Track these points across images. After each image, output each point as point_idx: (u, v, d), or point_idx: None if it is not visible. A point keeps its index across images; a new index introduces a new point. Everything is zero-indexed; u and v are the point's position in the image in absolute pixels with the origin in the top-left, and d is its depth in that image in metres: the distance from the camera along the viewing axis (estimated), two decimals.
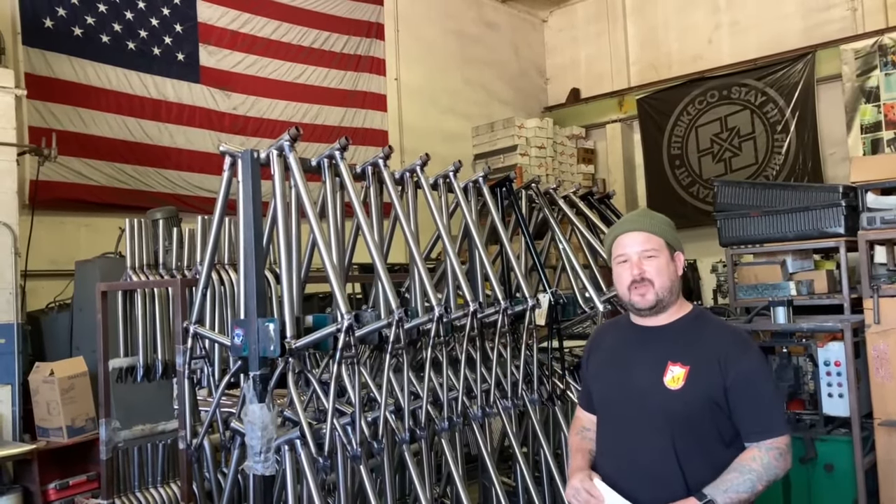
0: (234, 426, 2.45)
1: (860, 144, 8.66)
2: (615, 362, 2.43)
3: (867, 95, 8.61)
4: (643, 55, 10.46)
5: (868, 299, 4.30)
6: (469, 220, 3.28)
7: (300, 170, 2.65)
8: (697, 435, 2.25)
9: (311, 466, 2.33)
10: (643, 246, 2.34)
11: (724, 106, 9.64)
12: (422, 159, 3.24)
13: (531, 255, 3.48)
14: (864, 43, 8.61)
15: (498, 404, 3.13)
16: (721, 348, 2.29)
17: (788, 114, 9.16)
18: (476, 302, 2.94)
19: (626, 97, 10.37)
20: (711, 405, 2.25)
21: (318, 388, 2.52)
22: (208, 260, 2.74)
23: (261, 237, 2.47)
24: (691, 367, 2.26)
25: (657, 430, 2.27)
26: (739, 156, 9.57)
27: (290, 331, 2.37)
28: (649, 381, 2.30)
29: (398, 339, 2.57)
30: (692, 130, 9.88)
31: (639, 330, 2.42)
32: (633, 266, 2.33)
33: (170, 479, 3.43)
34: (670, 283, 2.33)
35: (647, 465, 2.27)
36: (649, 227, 2.37)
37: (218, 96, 7.59)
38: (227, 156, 2.67)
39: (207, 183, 7.35)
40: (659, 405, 2.27)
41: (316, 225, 2.55)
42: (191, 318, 2.68)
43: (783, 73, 9.19)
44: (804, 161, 9.07)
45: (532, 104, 10.88)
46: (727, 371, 2.25)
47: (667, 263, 2.34)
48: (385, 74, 9.13)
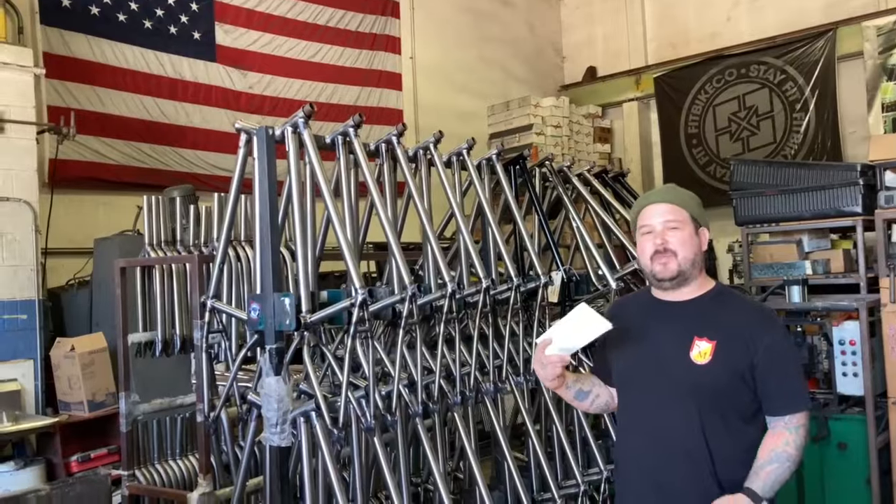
0: (251, 399, 2.49)
1: (881, 123, 8.56)
2: (637, 336, 2.43)
3: (889, 73, 8.50)
4: (660, 33, 10.36)
5: (885, 278, 4.28)
6: (482, 198, 3.29)
7: (314, 147, 2.67)
8: (723, 410, 2.27)
9: (326, 438, 2.38)
10: (667, 216, 2.34)
11: (743, 84, 9.55)
12: (435, 136, 3.24)
13: (544, 234, 3.49)
14: (886, 20, 8.49)
15: (510, 380, 3.16)
16: (748, 324, 2.31)
17: (808, 92, 9.05)
18: (489, 278, 2.96)
19: (643, 76, 10.29)
20: (738, 380, 2.27)
21: (333, 361, 2.56)
22: (224, 236, 2.77)
23: (276, 213, 2.50)
24: (718, 341, 2.27)
25: (683, 405, 2.28)
26: (757, 135, 9.49)
27: (305, 305, 2.41)
28: (675, 355, 2.31)
29: (411, 314, 2.60)
30: (710, 109, 9.80)
31: (661, 304, 2.43)
32: (657, 236, 2.33)
33: (187, 451, 3.50)
34: (693, 255, 2.33)
35: (674, 440, 2.29)
36: (675, 199, 2.38)
37: (234, 75, 7.61)
38: (243, 133, 2.69)
39: (223, 162, 7.39)
40: (686, 380, 2.28)
41: (330, 202, 2.58)
42: (208, 293, 2.72)
43: (803, 51, 9.08)
44: (823, 140, 8.98)
45: (548, 83, 10.82)
46: (755, 346, 2.27)
47: (690, 236, 2.34)
48: (400, 53, 9.10)
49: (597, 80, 10.73)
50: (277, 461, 2.40)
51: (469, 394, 2.95)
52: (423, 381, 2.77)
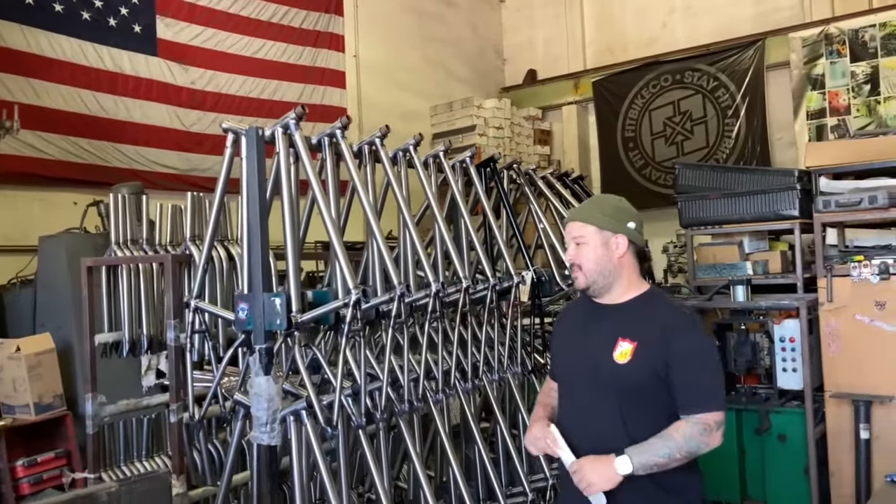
0: (238, 398, 2.48)
1: (806, 130, 8.99)
2: (574, 337, 2.61)
3: (813, 83, 8.92)
4: (599, 37, 10.60)
5: (822, 278, 4.52)
6: (457, 194, 3.31)
7: (306, 148, 2.67)
8: (643, 406, 2.40)
9: (317, 437, 2.39)
10: (573, 233, 2.53)
11: (678, 90, 9.86)
12: (381, 131, 3.18)
13: (515, 234, 3.56)
14: (811, 31, 8.90)
15: (485, 377, 3.20)
16: (666, 326, 2.43)
17: (739, 99, 9.42)
18: (468, 279, 3.00)
19: (581, 80, 10.51)
20: (655, 378, 2.39)
21: (323, 361, 2.56)
22: (209, 236, 2.74)
23: (266, 214, 2.49)
24: (638, 342, 2.41)
25: (607, 401, 2.42)
26: (691, 139, 9.81)
27: (296, 305, 2.42)
28: (601, 354, 2.45)
29: (400, 313, 2.63)
30: (646, 114, 10.08)
31: (596, 307, 2.58)
32: (569, 252, 2.54)
33: (153, 452, 3.44)
34: (599, 266, 2.48)
35: (598, 434, 2.43)
36: (581, 215, 2.56)
37: (175, 70, 7.44)
38: (230, 133, 2.66)
39: (165, 158, 7.25)
40: (609, 377, 2.42)
41: (322, 202, 2.58)
42: (192, 293, 2.69)
43: (734, 59, 9.43)
44: (753, 145, 9.35)
45: (489, 84, 10.95)
46: (668, 347, 2.39)
47: (595, 249, 2.48)
48: (344, 51, 9.06)
49: (537, 83, 10.91)
50: (267, 460, 2.40)
51: (449, 391, 2.98)
52: (404, 381, 2.78)
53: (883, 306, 4.27)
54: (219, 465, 3.03)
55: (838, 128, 8.87)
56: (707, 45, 9.61)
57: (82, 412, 4.13)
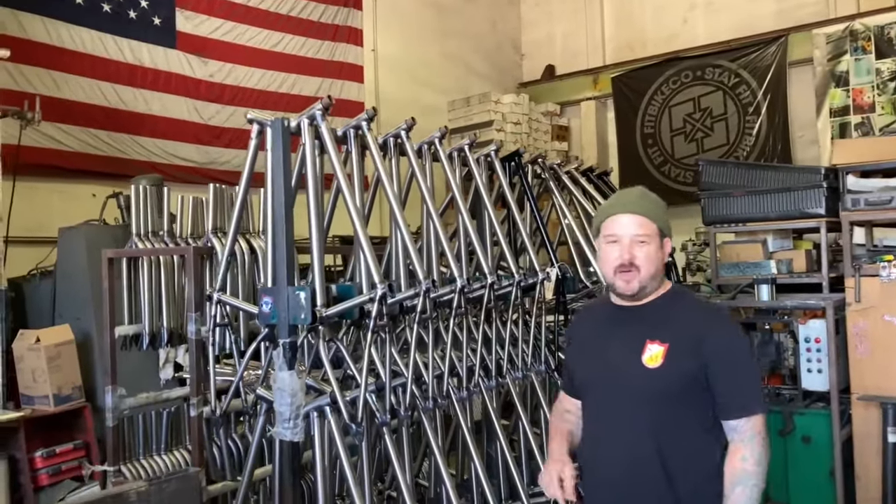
0: (260, 393, 2.44)
1: (829, 128, 8.86)
2: (595, 344, 2.40)
3: (837, 80, 8.79)
4: (618, 33, 10.51)
5: (850, 278, 4.44)
6: (482, 187, 3.24)
7: (333, 140, 2.63)
8: (676, 415, 2.21)
9: (340, 433, 2.35)
10: (637, 230, 2.26)
11: (698, 86, 9.76)
12: (407, 123, 3.12)
13: (539, 229, 3.51)
14: (835, 28, 8.77)
15: (508, 375, 3.14)
16: (698, 324, 2.26)
17: (760, 96, 9.31)
18: (493, 275, 2.95)
19: (600, 75, 10.43)
20: (691, 382, 2.20)
21: (347, 356, 2.52)
22: (233, 228, 2.71)
23: (291, 206, 2.45)
24: (670, 344, 2.21)
25: (638, 412, 2.22)
26: (711, 136, 9.72)
27: (321, 299, 2.37)
28: (627, 360, 2.25)
29: (425, 309, 2.59)
30: (665, 110, 9.99)
31: (618, 310, 2.37)
32: (624, 250, 2.25)
33: (172, 446, 3.42)
34: (656, 270, 2.28)
35: (630, 448, 2.23)
36: (645, 210, 2.29)
37: (195, 63, 7.44)
38: (255, 124, 2.63)
39: (183, 151, 7.25)
40: (638, 384, 2.23)
41: (349, 194, 2.53)
42: (215, 286, 2.66)
43: (756, 56, 9.32)
44: (774, 143, 9.25)
45: (507, 80, 10.88)
46: (704, 346, 2.21)
47: (656, 251, 2.27)
48: (362, 45, 9.03)
49: (555, 79, 10.84)
50: (289, 456, 2.36)
51: (473, 389, 2.92)
52: (429, 378, 2.72)
53: None
54: (237, 460, 3.01)
55: (862, 126, 8.74)
56: (728, 41, 9.51)
57: (101, 404, 4.13)
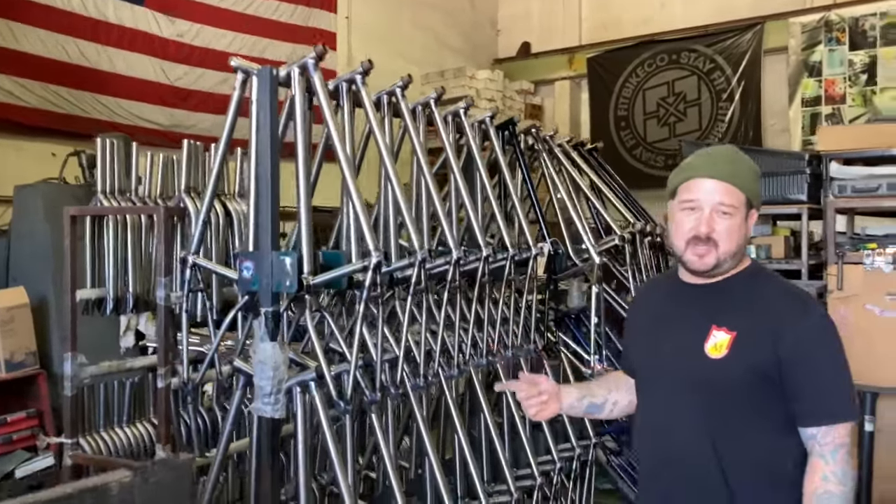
0: (238, 365, 2.26)
1: (800, 117, 8.91)
2: (655, 324, 2.13)
3: (810, 70, 8.82)
4: (595, 13, 10.39)
5: (833, 266, 4.40)
6: (477, 155, 3.08)
7: (326, 92, 2.44)
8: (740, 413, 1.93)
9: (325, 410, 2.19)
10: (721, 198, 1.93)
11: (673, 70, 9.70)
12: (403, 80, 2.94)
13: (532, 203, 3.37)
14: (811, 17, 8.79)
15: (500, 354, 3.00)
16: (776, 311, 1.94)
17: (734, 82, 9.29)
18: (488, 247, 2.80)
19: (576, 55, 10.31)
20: (760, 380, 1.91)
21: (335, 329, 2.36)
22: (212, 187, 2.50)
23: (277, 165, 2.27)
24: (738, 332, 1.93)
25: (693, 405, 1.97)
26: (684, 121, 9.69)
27: (308, 266, 2.19)
28: (689, 346, 1.98)
29: (419, 281, 2.43)
30: (640, 93, 9.93)
31: (685, 287, 2.07)
32: (702, 221, 1.93)
33: (135, 419, 3.24)
34: (737, 247, 1.96)
35: (681, 445, 1.99)
36: (734, 177, 1.96)
37: (162, 21, 7.13)
38: (240, 72, 2.43)
39: (148, 112, 6.97)
40: (697, 375, 1.96)
41: (342, 151, 2.35)
42: (189, 249, 2.46)
43: (732, 42, 9.29)
44: (746, 130, 9.25)
45: (482, 55, 10.70)
46: (782, 338, 1.90)
47: (740, 225, 1.95)
48: (336, 12, 8.78)
49: (530, 56, 10.68)
50: (269, 433, 2.19)
51: (463, 367, 2.77)
52: (418, 356, 2.55)
53: (895, 296, 4.16)
54: (205, 434, 2.85)
55: (832, 117, 8.79)
56: (705, 26, 9.45)
57: (56, 371, 3.92)
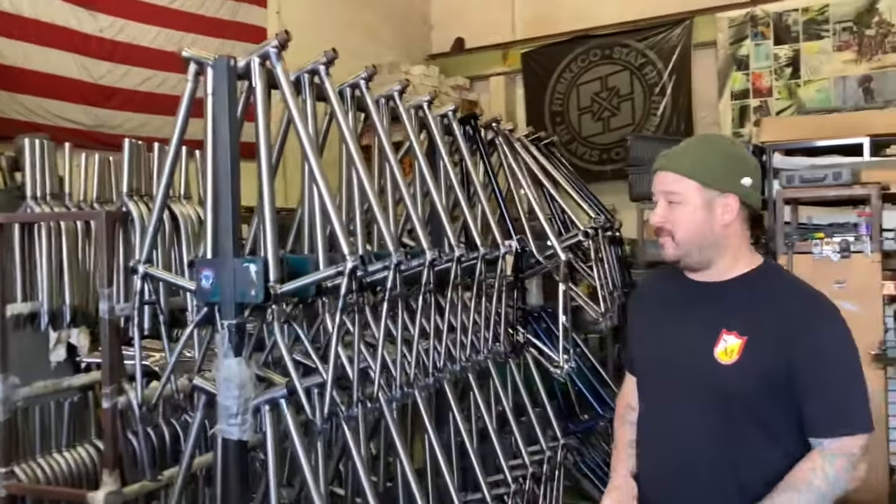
0: (199, 384, 2.06)
1: (729, 110, 9.10)
2: (661, 324, 2.05)
3: (738, 64, 9.01)
4: (529, 8, 10.36)
5: (783, 256, 4.44)
6: (443, 152, 2.93)
7: (290, 84, 2.26)
8: (752, 421, 1.86)
9: (298, 430, 2.01)
10: (667, 187, 1.93)
11: (606, 65, 9.78)
12: (368, 72, 2.77)
13: (497, 200, 3.25)
14: (738, 12, 8.98)
15: (471, 359, 2.85)
16: (790, 313, 1.86)
17: (666, 77, 9.42)
18: (460, 247, 2.66)
19: (510, 50, 10.28)
20: (772, 386, 1.84)
21: (307, 341, 2.18)
22: (163, 190, 2.27)
23: (237, 163, 2.07)
24: (749, 337, 1.85)
25: (701, 411, 1.89)
26: (618, 115, 9.78)
27: (274, 273, 2.01)
28: (697, 350, 1.90)
29: (395, 286, 2.27)
30: (574, 88, 9.98)
31: (691, 286, 2.00)
32: (656, 211, 1.95)
33: (75, 442, 2.98)
34: (696, 236, 1.90)
35: (689, 454, 1.92)
36: (678, 165, 1.93)
37: (82, 16, 6.75)
38: (192, 63, 2.22)
39: (70, 112, 6.59)
40: (706, 381, 1.89)
41: (310, 146, 2.17)
42: (139, 257, 2.24)
43: (662, 37, 9.42)
44: (678, 123, 9.38)
45: (416, 50, 10.56)
46: (794, 343, 1.83)
47: (692, 211, 1.89)
48: (266, 6, 8.52)
49: (464, 52, 10.60)
50: (237, 456, 1.99)
51: (440, 374, 2.61)
52: (394, 368, 2.36)
53: (843, 284, 4.22)
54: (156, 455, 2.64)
55: (760, 109, 9.00)
56: (636, 21, 9.54)
57: None
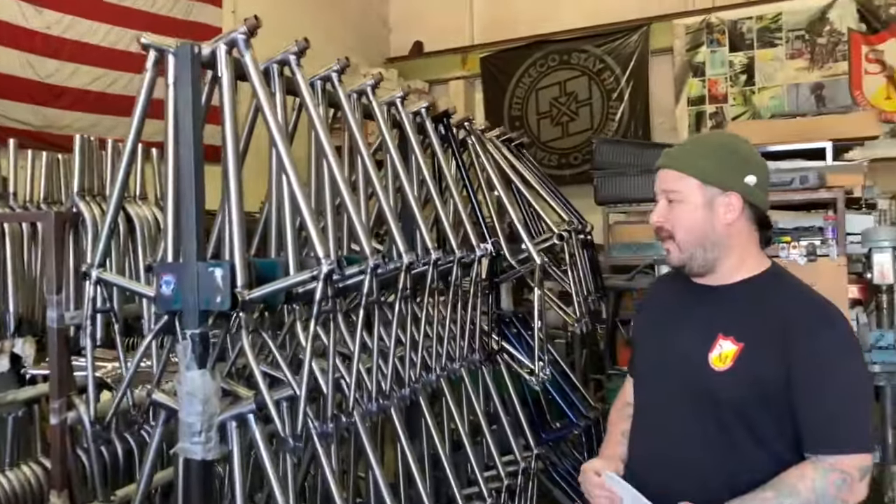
0: (158, 398, 1.89)
1: (686, 116, 9.20)
2: (661, 325, 1.98)
3: (694, 70, 9.13)
4: (488, 12, 10.32)
5: None
6: (417, 150, 2.80)
7: (259, 74, 2.11)
8: (746, 427, 1.77)
9: (268, 448, 1.85)
10: (667, 185, 1.87)
11: (565, 71, 9.81)
12: (341, 64, 2.61)
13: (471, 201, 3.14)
14: (694, 19, 9.08)
15: (447, 367, 2.73)
16: (791, 320, 1.75)
17: (623, 82, 9.48)
18: (437, 250, 2.54)
19: (469, 54, 10.23)
20: (767, 394, 1.74)
21: (276, 351, 2.02)
22: (118, 189, 2.09)
23: (201, 159, 1.92)
24: (746, 343, 1.77)
25: (692, 416, 1.81)
26: (576, 121, 9.80)
27: (242, 279, 1.85)
28: (692, 354, 1.82)
29: (371, 291, 2.13)
30: (533, 93, 9.98)
31: (693, 288, 1.92)
32: (655, 210, 1.90)
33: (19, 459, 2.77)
34: (698, 236, 1.82)
35: (679, 460, 1.83)
36: (679, 162, 1.87)
37: (28, 11, 6.47)
38: (152, 50, 2.05)
39: (15, 112, 6.30)
40: (698, 387, 1.80)
41: (281, 141, 2.02)
42: (92, 261, 2.07)
43: (620, 43, 9.48)
44: (636, 129, 9.45)
45: (374, 53, 10.43)
46: (794, 351, 1.72)
47: (693, 210, 1.82)
48: (221, 5, 8.30)
49: (423, 56, 10.51)
50: (200, 478, 1.83)
51: (415, 384, 2.46)
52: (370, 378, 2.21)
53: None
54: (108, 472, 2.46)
55: (716, 115, 9.14)
56: (594, 27, 9.57)
57: None
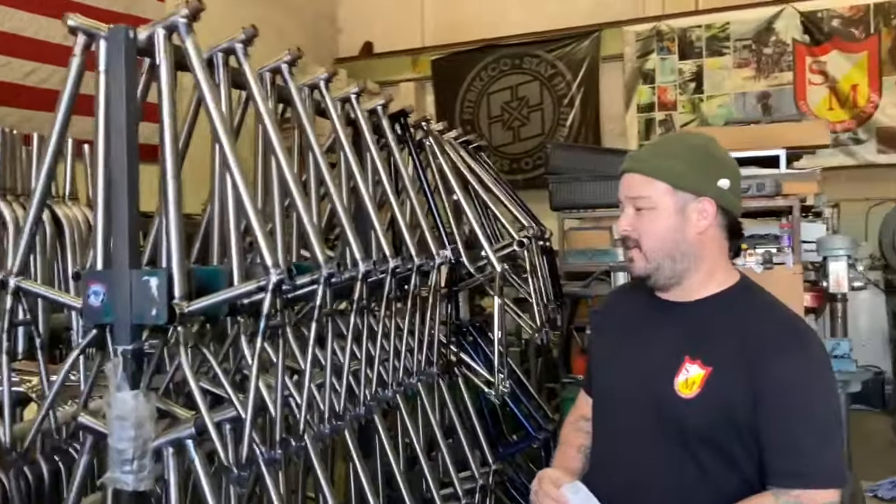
0: (86, 422, 1.68)
1: (636, 122, 9.24)
2: (621, 345, 1.83)
3: (644, 77, 9.18)
4: (439, 15, 10.21)
5: None
6: (373, 150, 2.64)
7: (202, 61, 1.90)
8: (713, 450, 1.64)
9: (208, 478, 1.66)
10: (633, 192, 1.71)
11: (516, 75, 9.78)
12: (292, 54, 2.43)
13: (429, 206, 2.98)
14: (644, 27, 9.13)
15: (405, 381, 2.56)
16: (759, 340, 1.62)
17: (574, 88, 9.49)
18: (395, 258, 2.37)
19: (420, 57, 10.12)
20: (737, 421, 1.61)
21: (219, 370, 1.82)
22: (41, 189, 1.86)
23: (135, 156, 1.71)
24: (714, 367, 1.63)
25: (661, 447, 1.67)
26: (528, 125, 9.78)
27: (180, 289, 1.65)
28: (656, 378, 1.69)
29: (325, 302, 1.95)
30: (484, 97, 9.93)
31: (656, 305, 1.77)
32: (622, 218, 1.73)
33: None
34: (668, 245, 1.68)
35: (643, 482, 1.70)
36: (648, 166, 1.71)
37: None
38: (80, 34, 1.82)
39: None
40: (663, 414, 1.67)
41: (226, 137, 1.82)
42: (10, 269, 1.83)
43: (571, 48, 9.49)
44: (586, 134, 9.46)
45: (323, 53, 10.21)
46: (761, 374, 1.59)
47: (664, 217, 1.67)
48: (164, 0, 8.00)
49: (373, 57, 10.35)
50: None
51: (370, 402, 2.29)
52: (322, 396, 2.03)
53: None
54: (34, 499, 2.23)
55: (665, 122, 9.21)
56: (546, 32, 9.56)
57: None
